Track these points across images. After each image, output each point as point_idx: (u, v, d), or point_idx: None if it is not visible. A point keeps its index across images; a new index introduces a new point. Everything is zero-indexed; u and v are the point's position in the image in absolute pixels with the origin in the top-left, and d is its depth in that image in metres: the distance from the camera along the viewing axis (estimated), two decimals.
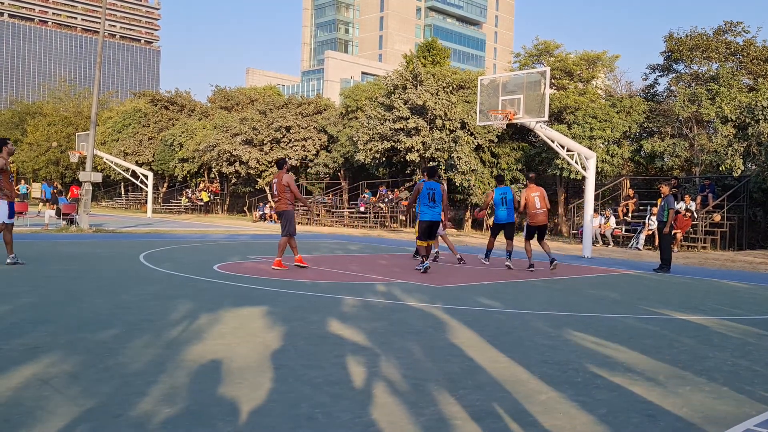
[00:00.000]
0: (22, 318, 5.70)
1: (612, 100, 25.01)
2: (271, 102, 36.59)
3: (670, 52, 24.54)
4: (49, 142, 51.17)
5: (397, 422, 3.33)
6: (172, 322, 5.75)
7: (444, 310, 6.85)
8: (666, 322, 6.68)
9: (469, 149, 25.10)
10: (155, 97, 47.46)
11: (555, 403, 3.74)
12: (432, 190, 10.71)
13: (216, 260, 11.51)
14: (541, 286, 9.55)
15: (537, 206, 11.83)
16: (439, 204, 10.77)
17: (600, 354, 5.03)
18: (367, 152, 27.03)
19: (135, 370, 4.13)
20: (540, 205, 11.83)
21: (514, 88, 15.99)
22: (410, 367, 4.45)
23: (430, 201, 10.68)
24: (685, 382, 4.30)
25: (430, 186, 10.75)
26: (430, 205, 10.70)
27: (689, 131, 22.66)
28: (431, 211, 10.71)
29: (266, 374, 4.15)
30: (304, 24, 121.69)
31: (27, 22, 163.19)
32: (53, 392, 3.63)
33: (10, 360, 4.27)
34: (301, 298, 7.47)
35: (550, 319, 6.57)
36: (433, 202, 10.69)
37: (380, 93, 28.60)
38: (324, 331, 5.59)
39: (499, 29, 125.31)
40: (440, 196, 10.83)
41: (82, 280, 8.43)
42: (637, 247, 19.25)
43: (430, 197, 10.69)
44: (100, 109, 46.65)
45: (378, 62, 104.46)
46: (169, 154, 40.90)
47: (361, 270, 10.94)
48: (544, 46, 27.05)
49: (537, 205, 11.81)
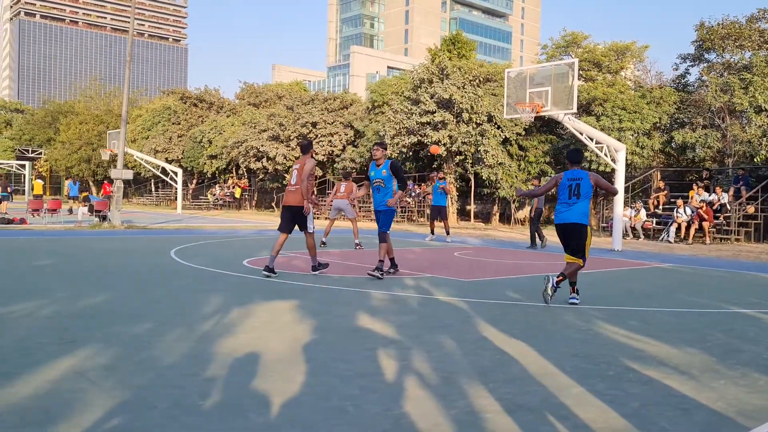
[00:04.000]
0: (58, 312, 5.82)
1: (642, 91, 24.64)
2: (298, 98, 36.75)
3: (702, 41, 24.07)
4: (81, 140, 52.02)
5: (427, 415, 3.34)
6: (204, 315, 5.83)
7: (473, 304, 6.83)
8: (699, 316, 6.59)
9: (496, 142, 24.95)
10: (184, 94, 47.97)
11: (587, 396, 3.71)
12: (575, 181, 7.29)
13: (245, 255, 11.62)
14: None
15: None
16: (583, 199, 7.24)
17: (632, 347, 4.98)
18: (393, 147, 27.02)
19: (168, 363, 4.19)
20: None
21: (542, 80, 15.84)
22: (440, 360, 4.45)
23: (571, 196, 7.27)
24: (720, 375, 4.24)
25: (573, 176, 7.34)
26: (569, 203, 7.28)
27: (722, 122, 22.23)
28: (568, 210, 7.24)
29: (297, 367, 4.18)
30: (329, 19, 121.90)
31: (58, 22, 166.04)
32: (90, 384, 3.70)
33: (47, 353, 4.37)
34: (330, 292, 7.51)
35: (580, 312, 6.52)
36: (576, 197, 7.24)
37: (406, 87, 28.54)
38: (353, 324, 5.62)
39: (525, 21, 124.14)
40: (589, 190, 7.22)
41: (115, 275, 8.58)
42: (668, 239, 18.97)
43: (571, 191, 7.28)
44: (130, 107, 47.32)
45: (404, 56, 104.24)
46: (198, 151, 41.33)
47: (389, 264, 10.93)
48: (571, 38, 26.73)
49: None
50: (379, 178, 9.12)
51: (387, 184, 9.05)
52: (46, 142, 59.30)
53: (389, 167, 9.04)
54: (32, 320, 5.45)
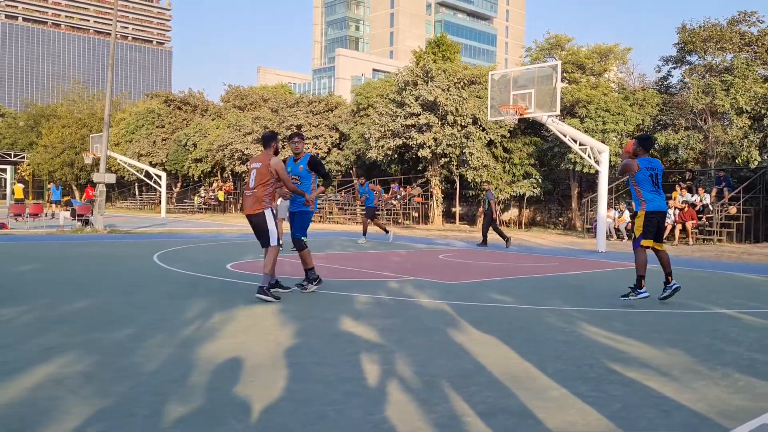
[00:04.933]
0: (37, 318, 5.75)
1: (625, 93, 24.82)
2: (283, 100, 36.66)
3: (683, 44, 24.28)
4: (64, 144, 51.55)
5: (408, 419, 3.32)
6: (186, 321, 5.78)
7: (456, 307, 6.82)
8: (682, 317, 6.63)
9: (481, 145, 25.02)
10: (168, 97, 47.69)
11: (568, 399, 3.71)
12: (655, 171, 7.23)
13: (229, 259, 11.55)
14: (554, 282, 9.49)
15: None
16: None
17: (614, 349, 5.00)
18: (379, 149, 27.03)
19: (149, 370, 4.15)
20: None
21: (526, 82, 15.92)
22: (423, 364, 4.44)
23: (654, 185, 7.21)
24: (701, 376, 4.26)
25: (651, 165, 7.25)
26: (657, 191, 7.22)
27: (704, 123, 22.44)
28: (662, 198, 7.26)
29: (279, 372, 4.15)
30: (314, 22, 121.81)
31: (40, 25, 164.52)
32: (67, 392, 3.65)
33: (25, 360, 4.30)
34: (313, 295, 7.48)
35: (563, 314, 6.53)
36: (657, 186, 7.24)
37: (391, 90, 28.57)
38: (336, 328, 5.59)
39: (510, 24, 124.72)
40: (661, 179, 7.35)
41: (97, 280, 8.49)
42: None
43: (653, 180, 7.21)
44: (113, 111, 47.00)
45: (389, 59, 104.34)
46: (182, 155, 41.11)
47: (373, 267, 10.94)
48: (555, 40, 26.90)
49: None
50: (295, 175, 7.87)
51: (304, 182, 7.83)
52: (28, 146, 58.71)
53: (308, 162, 7.83)
54: (11, 327, 5.38)
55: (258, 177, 7.16)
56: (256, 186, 7.16)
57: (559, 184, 27.76)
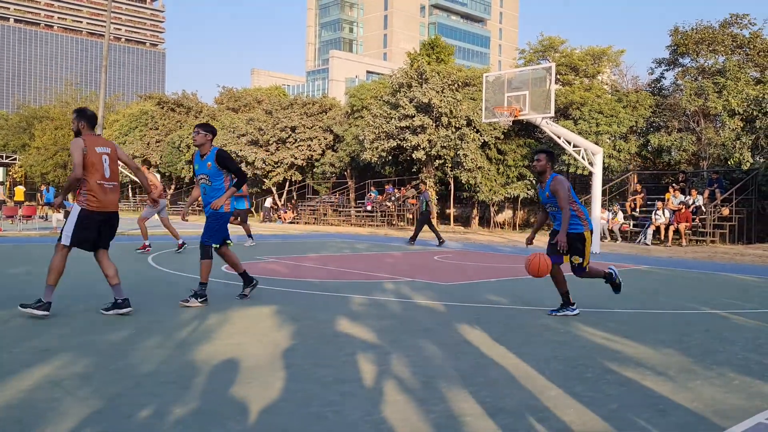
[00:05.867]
0: (32, 320, 5.73)
1: (618, 95, 24.92)
2: (277, 102, 36.65)
3: (676, 46, 24.40)
4: (57, 146, 51.39)
5: (407, 419, 3.33)
6: (182, 322, 5.77)
7: (452, 307, 6.84)
8: (676, 317, 6.66)
9: (475, 146, 25.06)
10: (162, 99, 47.60)
11: (565, 398, 3.73)
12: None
13: (223, 261, 11.50)
14: (549, 282, 9.51)
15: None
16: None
17: (610, 349, 5.02)
18: (373, 151, 27.05)
19: (146, 371, 4.14)
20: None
21: (520, 84, 15.98)
22: (420, 364, 4.45)
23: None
24: (696, 376, 4.29)
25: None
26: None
27: (696, 125, 22.55)
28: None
29: (276, 373, 4.16)
30: (308, 24, 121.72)
31: (33, 26, 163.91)
32: (64, 394, 3.64)
33: (21, 362, 4.29)
34: (309, 297, 7.48)
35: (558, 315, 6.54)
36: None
37: (385, 91, 28.60)
38: (333, 329, 5.60)
39: (503, 26, 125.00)
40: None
41: (91, 282, 8.46)
42: (645, 242, 19.17)
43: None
44: (106, 112, 46.82)
45: (383, 61, 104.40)
46: (176, 156, 41.04)
47: (368, 268, 10.94)
48: (548, 42, 26.97)
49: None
50: (203, 174, 6.86)
51: (214, 181, 6.79)
52: (20, 147, 58.48)
53: (215, 158, 6.74)
54: (5, 329, 5.36)
55: (114, 165, 6.09)
56: (114, 176, 6.11)
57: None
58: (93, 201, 5.90)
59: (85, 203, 5.90)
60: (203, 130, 6.83)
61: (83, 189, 5.88)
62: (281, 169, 33.70)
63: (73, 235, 6.02)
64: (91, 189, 5.88)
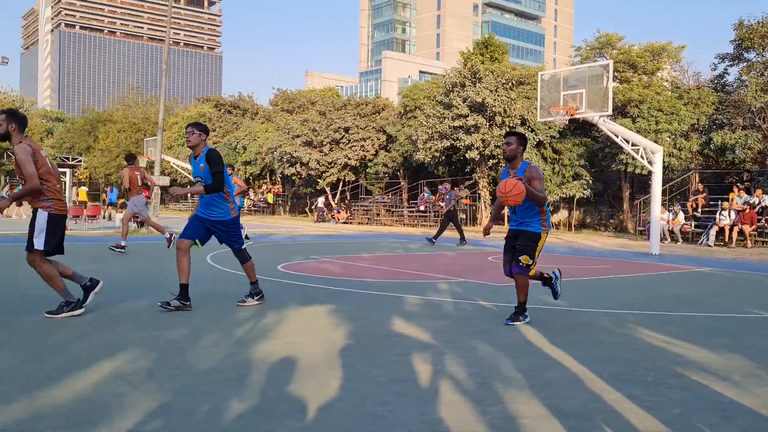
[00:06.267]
0: (98, 316, 5.93)
1: (679, 91, 24.20)
2: (330, 103, 36.95)
3: (741, 41, 23.53)
4: (120, 148, 53.10)
5: (463, 420, 3.32)
6: (240, 321, 5.89)
7: (506, 309, 6.77)
8: (740, 321, 6.44)
9: (530, 146, 24.73)
10: (219, 101, 48.64)
11: (626, 402, 3.65)
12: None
13: (280, 260, 11.70)
14: (607, 284, 9.33)
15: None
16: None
17: (671, 353, 4.89)
18: (426, 151, 26.99)
19: (205, 369, 4.24)
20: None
21: (576, 82, 15.68)
22: (475, 365, 4.43)
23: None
24: (763, 381, 4.14)
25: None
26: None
27: (762, 122, 21.71)
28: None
29: (332, 372, 4.20)
30: (361, 25, 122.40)
31: (96, 33, 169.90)
32: (131, 388, 3.77)
33: (89, 356, 4.45)
34: (363, 296, 7.52)
35: (617, 317, 6.42)
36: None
37: (438, 91, 28.50)
38: (387, 329, 5.62)
39: (558, 23, 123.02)
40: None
41: (152, 280, 8.71)
42: (708, 243, 18.57)
43: None
44: (166, 115, 48.09)
45: (436, 61, 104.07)
46: (233, 157, 41.87)
47: (422, 269, 10.94)
48: (605, 39, 26.40)
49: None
50: (198, 176, 6.44)
51: (209, 183, 6.33)
52: (85, 150, 60.65)
53: (206, 158, 6.31)
54: (73, 325, 5.57)
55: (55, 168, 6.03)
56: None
57: (611, 186, 27.22)
58: (58, 203, 5.81)
59: (51, 208, 5.76)
60: (197, 130, 6.41)
61: (45, 195, 5.71)
62: (335, 170, 33.96)
63: (47, 242, 5.76)
64: (54, 193, 5.78)
